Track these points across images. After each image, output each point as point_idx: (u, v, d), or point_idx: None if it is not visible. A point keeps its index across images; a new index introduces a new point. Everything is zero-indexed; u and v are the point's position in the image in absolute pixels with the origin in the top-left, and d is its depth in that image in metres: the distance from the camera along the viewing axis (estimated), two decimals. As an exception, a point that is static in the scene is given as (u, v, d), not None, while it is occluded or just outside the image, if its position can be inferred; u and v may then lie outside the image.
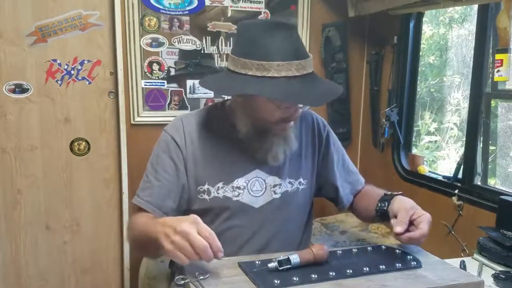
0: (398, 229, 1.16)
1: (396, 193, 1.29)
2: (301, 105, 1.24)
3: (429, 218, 1.17)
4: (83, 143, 2.33)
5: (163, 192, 1.30)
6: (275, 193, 1.35)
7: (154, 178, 1.31)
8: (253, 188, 1.33)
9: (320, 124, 1.47)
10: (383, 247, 1.20)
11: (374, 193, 1.40)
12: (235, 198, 1.32)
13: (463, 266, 1.30)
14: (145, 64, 2.35)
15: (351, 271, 1.02)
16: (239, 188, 1.32)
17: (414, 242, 1.17)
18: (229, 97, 1.42)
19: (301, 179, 1.40)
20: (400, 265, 1.06)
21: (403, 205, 1.21)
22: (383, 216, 1.29)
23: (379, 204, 1.30)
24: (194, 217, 1.04)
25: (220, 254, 1.01)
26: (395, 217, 1.20)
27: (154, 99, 2.39)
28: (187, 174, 1.32)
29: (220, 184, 1.32)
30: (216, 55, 2.45)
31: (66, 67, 2.24)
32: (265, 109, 1.23)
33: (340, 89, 1.28)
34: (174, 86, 2.41)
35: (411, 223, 1.17)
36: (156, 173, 1.32)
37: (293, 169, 1.38)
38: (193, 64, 2.41)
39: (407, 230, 1.16)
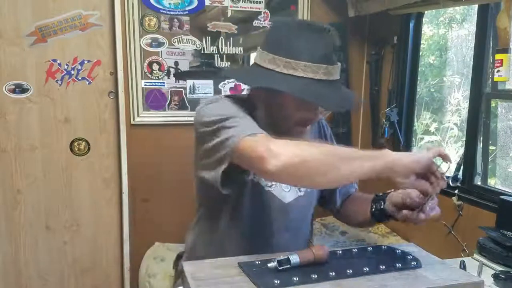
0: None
1: (387, 191, 1.26)
2: (322, 109, 1.23)
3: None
4: (83, 143, 2.32)
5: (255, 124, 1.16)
6: (299, 190, 1.34)
7: (240, 118, 1.13)
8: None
9: (324, 123, 1.47)
10: (383, 247, 1.20)
11: (363, 197, 1.38)
12: (267, 188, 1.29)
13: (463, 266, 1.31)
14: (145, 64, 2.35)
15: (351, 271, 1.02)
16: None
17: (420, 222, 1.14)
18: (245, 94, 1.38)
19: None
20: (400, 265, 1.06)
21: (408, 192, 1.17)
22: (379, 216, 1.27)
23: (374, 206, 1.28)
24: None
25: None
26: (396, 206, 1.19)
27: (154, 99, 2.39)
28: None
29: None
30: (216, 55, 2.45)
31: (66, 67, 2.24)
32: (287, 107, 1.21)
33: (356, 99, 1.29)
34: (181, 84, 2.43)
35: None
36: (237, 115, 1.14)
37: None
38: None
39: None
